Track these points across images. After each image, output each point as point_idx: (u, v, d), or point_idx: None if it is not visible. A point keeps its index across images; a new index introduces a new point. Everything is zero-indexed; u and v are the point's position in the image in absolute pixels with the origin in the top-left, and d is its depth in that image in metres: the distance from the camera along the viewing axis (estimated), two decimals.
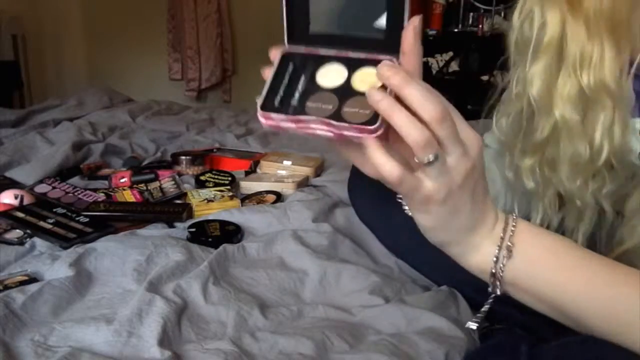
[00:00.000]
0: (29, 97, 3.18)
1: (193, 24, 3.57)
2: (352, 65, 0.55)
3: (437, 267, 0.86)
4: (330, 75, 0.55)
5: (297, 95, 0.54)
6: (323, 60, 0.56)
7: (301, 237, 1.03)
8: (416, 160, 0.50)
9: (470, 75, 3.20)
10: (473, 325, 0.62)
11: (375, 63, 0.53)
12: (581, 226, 0.68)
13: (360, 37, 0.55)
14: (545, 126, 0.66)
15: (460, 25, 3.25)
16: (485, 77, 3.17)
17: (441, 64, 3.41)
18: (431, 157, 0.49)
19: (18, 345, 0.72)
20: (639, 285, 0.52)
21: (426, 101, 0.49)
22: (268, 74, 0.55)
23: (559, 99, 0.64)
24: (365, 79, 0.54)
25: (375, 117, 0.51)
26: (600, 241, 0.69)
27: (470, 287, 0.78)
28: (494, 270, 0.56)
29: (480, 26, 3.13)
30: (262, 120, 0.55)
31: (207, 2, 3.55)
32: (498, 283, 0.56)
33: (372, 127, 0.51)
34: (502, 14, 3.12)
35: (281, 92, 0.54)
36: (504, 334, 0.75)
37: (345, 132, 0.52)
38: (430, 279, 0.92)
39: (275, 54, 0.56)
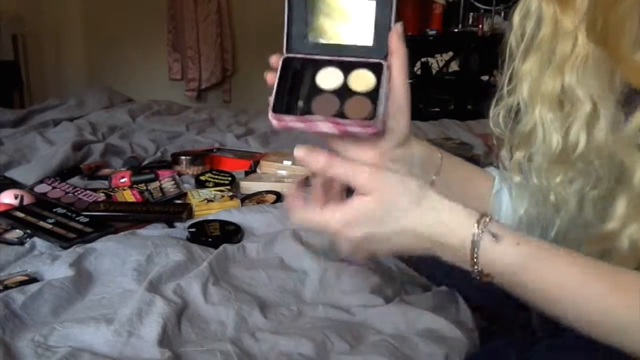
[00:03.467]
0: (29, 97, 3.18)
1: (193, 24, 3.56)
2: (347, 68, 0.61)
3: None
4: (329, 78, 0.61)
5: (302, 97, 0.60)
6: (320, 64, 0.61)
7: (301, 237, 1.03)
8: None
9: (470, 75, 3.20)
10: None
11: (366, 65, 0.61)
12: (557, 221, 0.69)
13: (352, 45, 0.62)
14: (529, 122, 0.68)
15: (460, 25, 3.25)
16: (485, 77, 3.17)
17: (441, 64, 3.41)
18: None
19: (18, 345, 0.72)
20: (608, 283, 0.53)
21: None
22: (271, 79, 0.60)
23: (540, 97, 0.66)
24: (359, 80, 0.60)
25: (373, 112, 0.58)
26: (578, 241, 0.68)
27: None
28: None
29: (480, 26, 3.13)
30: (274, 122, 0.59)
31: (207, 2, 3.55)
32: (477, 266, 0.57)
33: (372, 122, 0.58)
34: (502, 14, 3.12)
35: (287, 95, 0.60)
36: (501, 336, 0.74)
37: (349, 128, 0.58)
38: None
39: (276, 60, 0.61)
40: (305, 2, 0.62)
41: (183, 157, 1.57)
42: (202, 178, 1.45)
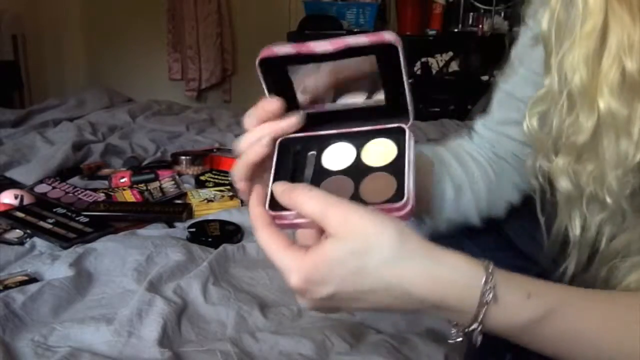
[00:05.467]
0: (29, 97, 3.17)
1: (193, 24, 3.56)
2: (359, 140, 0.50)
3: None
4: (338, 156, 0.50)
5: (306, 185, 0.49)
6: (325, 140, 0.51)
7: None
8: None
9: (470, 75, 3.20)
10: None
11: (383, 132, 0.49)
12: (606, 230, 0.61)
13: (361, 109, 0.50)
14: (588, 120, 0.58)
15: (460, 25, 3.24)
16: (485, 77, 3.17)
17: (441, 64, 3.41)
18: None
19: (18, 345, 0.72)
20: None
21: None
22: (244, 188, 0.52)
23: (604, 87, 0.56)
24: (376, 152, 0.49)
25: (400, 191, 0.46)
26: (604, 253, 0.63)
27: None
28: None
29: (480, 26, 3.12)
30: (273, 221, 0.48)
31: (207, 2, 3.54)
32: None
33: (399, 204, 0.46)
34: (502, 14, 3.12)
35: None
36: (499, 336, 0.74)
37: None
38: None
39: (268, 143, 0.51)
40: (286, 73, 0.50)
41: (183, 157, 1.57)
42: (202, 178, 1.45)
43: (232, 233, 1.09)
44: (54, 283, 0.85)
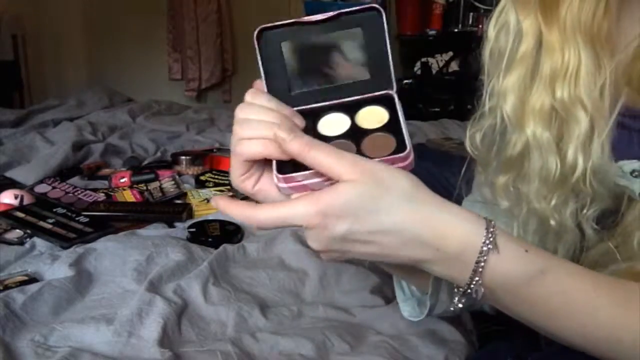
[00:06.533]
0: (29, 97, 3.17)
1: (193, 24, 3.56)
2: (351, 109, 0.54)
3: None
4: (333, 125, 0.54)
5: None
6: (318, 113, 0.54)
7: (301, 236, 1.03)
8: None
9: (470, 75, 3.20)
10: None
11: (372, 101, 0.53)
12: (560, 248, 0.63)
13: (347, 84, 0.54)
14: (517, 142, 0.61)
15: (460, 25, 3.25)
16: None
17: (441, 64, 3.41)
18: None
19: (18, 345, 0.72)
20: (613, 294, 0.50)
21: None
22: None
23: (531, 114, 0.60)
24: (370, 117, 0.53)
25: (401, 145, 0.50)
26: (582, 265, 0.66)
27: None
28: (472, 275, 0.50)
29: (480, 26, 3.12)
30: (283, 185, 0.50)
31: (207, 2, 3.54)
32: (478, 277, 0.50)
33: (404, 154, 0.49)
34: None
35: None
36: (500, 339, 0.74)
37: None
38: None
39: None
40: (280, 50, 0.53)
41: (183, 157, 1.57)
42: (202, 178, 1.45)
43: (232, 233, 1.09)
44: (54, 283, 0.85)
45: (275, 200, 0.53)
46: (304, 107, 0.54)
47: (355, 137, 0.52)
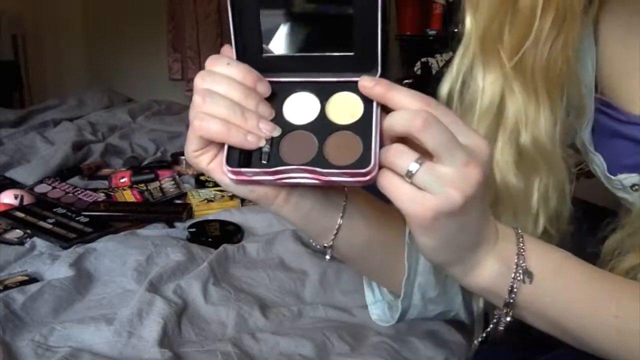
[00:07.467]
0: (29, 97, 3.17)
1: (193, 24, 3.56)
2: (324, 92, 0.46)
3: None
4: (300, 108, 0.46)
5: (266, 138, 0.45)
6: (287, 88, 0.47)
7: (301, 237, 1.03)
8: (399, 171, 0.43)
9: None
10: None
11: (349, 85, 0.45)
12: None
13: (326, 56, 0.46)
14: (490, 192, 0.58)
15: (460, 25, 3.25)
16: None
17: (441, 63, 3.41)
18: (409, 167, 0.42)
19: (18, 345, 0.72)
20: None
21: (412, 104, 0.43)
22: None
23: (497, 164, 0.59)
24: (342, 107, 0.45)
25: (366, 155, 0.43)
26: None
27: None
28: (507, 298, 0.50)
29: None
30: (230, 177, 0.45)
31: (207, 2, 3.54)
32: (509, 308, 0.50)
33: (366, 170, 0.42)
34: None
35: None
36: (502, 344, 0.73)
37: (334, 179, 0.43)
38: None
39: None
40: (256, 4, 0.46)
41: (183, 157, 1.57)
42: (202, 178, 1.45)
43: (232, 233, 1.09)
44: (54, 283, 0.85)
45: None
46: (273, 78, 0.46)
47: (320, 131, 0.45)
